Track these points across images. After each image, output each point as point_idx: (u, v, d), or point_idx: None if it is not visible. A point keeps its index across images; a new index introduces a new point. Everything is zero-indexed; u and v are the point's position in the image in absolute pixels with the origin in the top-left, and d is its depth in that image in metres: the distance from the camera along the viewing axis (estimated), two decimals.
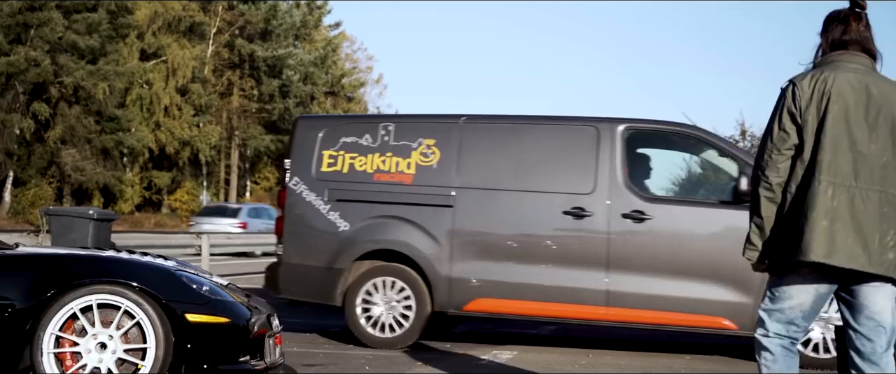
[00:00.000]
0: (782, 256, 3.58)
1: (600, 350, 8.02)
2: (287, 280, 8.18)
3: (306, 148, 8.17)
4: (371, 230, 7.88)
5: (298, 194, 8.08)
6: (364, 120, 8.26)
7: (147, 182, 50.30)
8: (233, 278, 14.54)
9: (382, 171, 7.95)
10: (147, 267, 5.13)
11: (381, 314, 7.83)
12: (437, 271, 7.70)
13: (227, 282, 5.64)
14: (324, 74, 60.02)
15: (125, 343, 4.86)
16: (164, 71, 48.42)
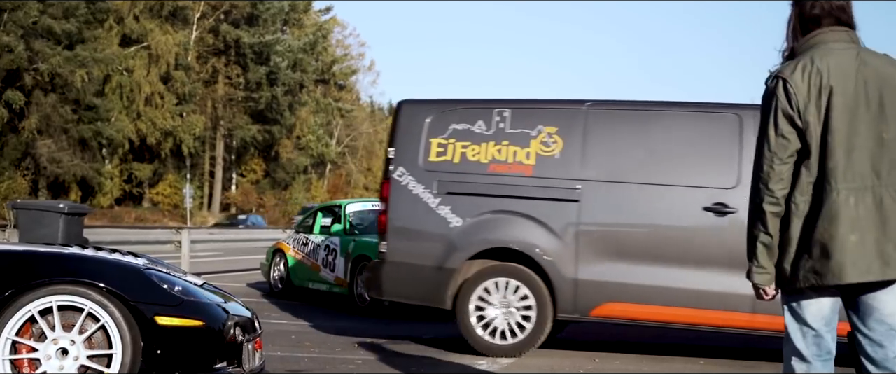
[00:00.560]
0: (800, 277, 3.33)
1: (607, 353, 7.85)
2: (391, 281, 7.77)
3: (412, 136, 7.75)
4: (486, 226, 7.51)
5: (404, 187, 7.70)
6: (476, 105, 7.75)
7: (127, 175, 50.16)
8: (219, 277, 14.49)
9: (498, 161, 7.57)
10: (113, 265, 4.91)
11: (497, 318, 7.45)
12: (561, 272, 7.33)
13: (202, 281, 5.45)
14: (314, 61, 59.85)
15: (89, 349, 4.65)
16: (145, 58, 48.24)
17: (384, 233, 7.80)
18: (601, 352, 7.93)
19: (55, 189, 43.09)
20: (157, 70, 48.74)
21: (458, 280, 7.55)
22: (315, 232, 12.03)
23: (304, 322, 9.45)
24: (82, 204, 11.41)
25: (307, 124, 59.14)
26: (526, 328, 7.42)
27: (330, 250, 11.36)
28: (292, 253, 12.24)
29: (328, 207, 12.67)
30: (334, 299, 11.36)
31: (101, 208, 45.19)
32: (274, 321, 9.39)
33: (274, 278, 12.53)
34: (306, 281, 11.86)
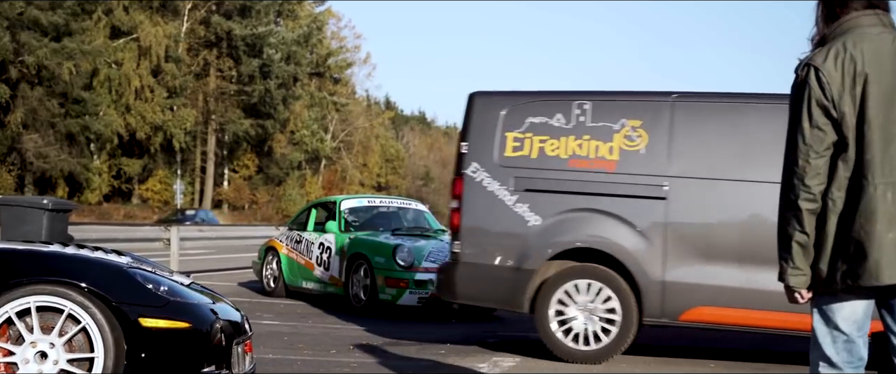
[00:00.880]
0: (837, 278, 3.20)
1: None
2: (465, 283, 7.58)
3: (486, 129, 7.56)
4: (566, 225, 7.34)
5: (478, 183, 7.51)
6: (554, 97, 7.56)
7: (116, 170, 50.08)
8: (209, 276, 14.37)
9: (579, 156, 7.39)
10: (95, 264, 4.79)
11: (578, 322, 7.27)
12: (648, 273, 7.13)
13: (190, 280, 5.32)
14: (308, 54, 59.82)
15: (69, 352, 4.53)
16: (134, 50, 48.13)
17: (457, 232, 7.59)
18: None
19: (42, 185, 42.95)
20: (146, 63, 48.64)
21: (536, 282, 7.37)
22: (309, 229, 11.96)
23: (297, 323, 9.35)
24: (67, 200, 11.28)
25: (301, 119, 59.09)
26: (610, 333, 7.23)
27: (324, 248, 11.27)
28: (285, 251, 12.15)
29: (323, 203, 12.59)
30: (329, 299, 11.27)
31: (88, 204, 45.09)
32: (266, 321, 9.30)
33: (266, 277, 12.44)
34: (300, 280, 11.78)
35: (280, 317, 9.81)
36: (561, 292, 7.31)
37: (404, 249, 10.15)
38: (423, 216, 12.23)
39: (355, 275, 10.50)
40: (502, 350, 7.88)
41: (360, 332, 8.79)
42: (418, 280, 9.96)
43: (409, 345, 7.98)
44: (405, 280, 9.94)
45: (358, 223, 11.61)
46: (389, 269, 10.04)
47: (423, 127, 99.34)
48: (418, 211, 12.40)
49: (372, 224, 11.63)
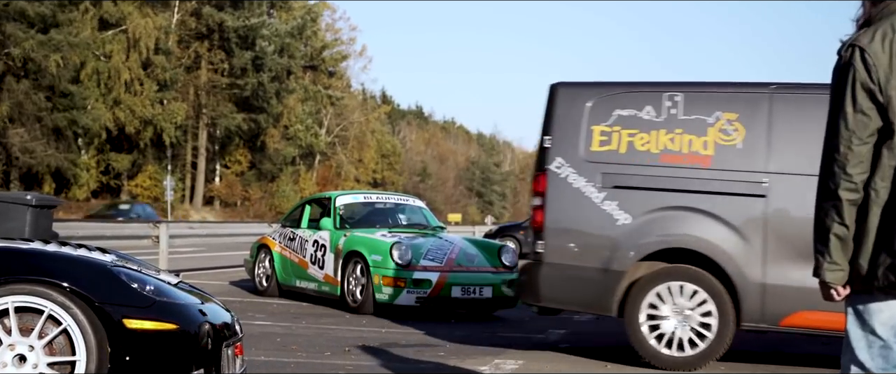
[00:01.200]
0: (879, 275, 3.08)
1: (617, 357, 7.66)
2: (549, 285, 7.41)
3: (570, 123, 7.38)
4: (658, 224, 7.19)
5: (563, 180, 7.35)
6: (643, 88, 7.40)
7: (104, 166, 49.94)
8: (200, 274, 14.29)
9: (671, 151, 7.23)
10: (77, 262, 4.68)
11: (671, 327, 7.12)
12: (746, 275, 6.96)
13: (178, 279, 5.22)
14: (302, 46, 59.73)
15: (49, 355, 4.43)
16: (123, 42, 47.96)
17: (541, 231, 7.41)
18: (608, 359, 7.75)
19: (28, 181, 42.81)
20: (136, 55, 48.45)
21: (625, 284, 7.21)
22: (303, 226, 11.89)
23: (290, 324, 9.29)
24: (52, 196, 11.16)
25: (295, 113, 59.02)
26: (706, 338, 7.08)
27: (319, 246, 11.21)
28: (278, 249, 12.08)
29: (317, 199, 12.53)
30: (324, 299, 11.21)
31: (76, 200, 44.95)
32: (258, 322, 9.24)
33: (259, 275, 12.37)
34: (293, 279, 11.71)
35: (273, 317, 9.75)
36: (652, 294, 7.14)
37: (402, 246, 10.09)
38: (421, 213, 12.18)
39: (351, 274, 10.44)
40: (504, 352, 7.82)
41: (356, 333, 8.73)
42: (416, 279, 9.91)
43: (408, 347, 7.92)
44: (403, 279, 9.89)
45: (354, 220, 11.55)
46: (386, 267, 9.98)
47: (421, 122, 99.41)
48: (416, 207, 12.35)
49: (368, 221, 11.58)
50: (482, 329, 9.31)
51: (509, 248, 10.81)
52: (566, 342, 8.58)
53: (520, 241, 24.18)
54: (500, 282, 10.24)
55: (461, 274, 10.10)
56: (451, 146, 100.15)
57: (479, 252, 10.54)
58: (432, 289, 9.92)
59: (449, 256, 10.26)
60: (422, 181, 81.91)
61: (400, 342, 8.20)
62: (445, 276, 10.00)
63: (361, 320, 9.72)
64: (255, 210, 54.46)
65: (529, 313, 10.71)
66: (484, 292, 10.10)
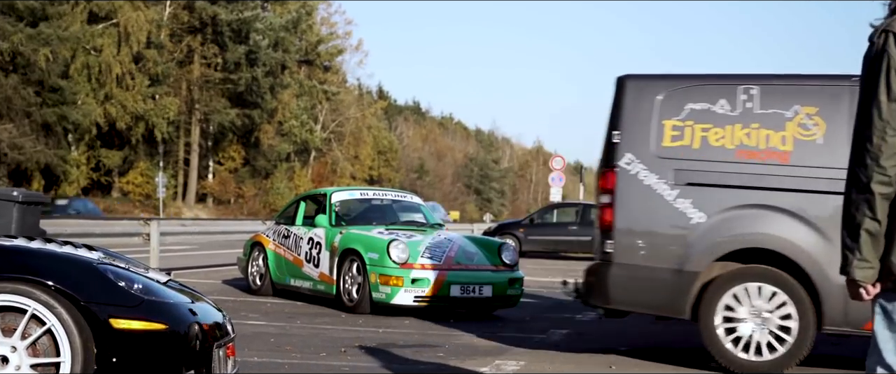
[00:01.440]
0: None
1: (621, 357, 7.61)
2: (619, 287, 7.28)
3: (640, 117, 7.24)
4: (735, 223, 7.05)
5: (633, 177, 7.21)
6: (716, 81, 7.27)
7: (95, 162, 49.86)
8: (192, 273, 14.23)
9: (747, 146, 7.11)
10: (62, 260, 4.58)
11: (748, 330, 6.99)
12: (829, 277, 6.75)
13: (167, 278, 5.13)
14: (297, 40, 59.65)
15: (33, 356, 4.34)
16: (114, 36, 47.86)
17: (610, 230, 7.28)
18: (614, 356, 7.71)
19: (16, 177, 42.67)
20: (127, 49, 48.36)
21: (699, 286, 7.07)
22: (297, 223, 11.82)
23: (284, 324, 9.22)
24: (39, 193, 11.07)
25: (290, 108, 58.99)
26: (785, 342, 6.96)
27: (314, 244, 11.13)
28: (272, 247, 12.01)
29: (312, 195, 12.46)
30: (319, 298, 11.14)
31: (67, 197, 44.82)
32: (251, 322, 9.18)
33: (252, 274, 12.30)
34: (288, 278, 11.65)
35: (266, 317, 9.68)
36: (729, 296, 7.02)
37: (399, 244, 9.99)
38: (418, 209, 12.10)
39: (347, 272, 10.37)
40: (505, 353, 7.75)
41: (352, 333, 8.66)
42: (414, 278, 9.83)
43: (406, 347, 7.84)
44: (400, 278, 9.81)
45: (350, 217, 11.47)
46: (383, 265, 9.90)
47: (418, 117, 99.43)
48: (414, 204, 12.28)
49: (365, 218, 11.50)
50: (482, 329, 9.24)
51: (509, 246, 10.73)
52: (569, 342, 8.49)
53: (519, 239, 24.13)
54: (500, 281, 10.16)
55: (460, 273, 10.03)
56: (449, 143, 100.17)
57: (479, 250, 10.46)
58: (431, 288, 9.84)
59: (448, 254, 10.19)
60: (419, 178, 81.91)
61: (398, 342, 8.13)
62: (444, 274, 9.92)
63: (358, 319, 9.65)
64: (249, 208, 54.41)
65: (530, 312, 10.69)
66: (484, 290, 10.03)
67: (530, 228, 25.40)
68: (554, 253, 25.16)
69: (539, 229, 25.34)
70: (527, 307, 11.14)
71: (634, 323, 10.07)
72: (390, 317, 9.86)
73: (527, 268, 12.14)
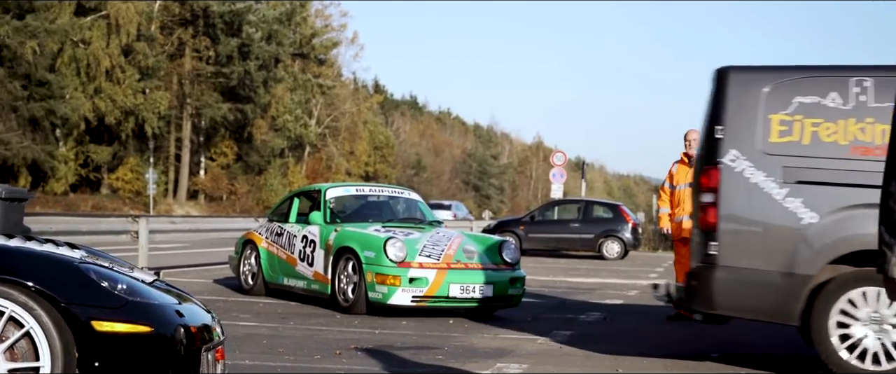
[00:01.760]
0: None
1: (630, 358, 7.51)
2: (724, 291, 7.04)
3: (745, 111, 7.07)
4: (850, 223, 6.82)
5: (739, 174, 7.01)
6: (827, 73, 7.05)
7: (84, 158, 49.77)
8: (183, 272, 14.11)
9: (862, 142, 6.90)
10: (41, 259, 4.47)
11: (868, 338, 6.75)
12: None
13: (154, 277, 5.02)
14: (291, 33, 59.61)
15: (11, 361, 4.24)
16: (103, 28, 47.73)
17: (713, 231, 7.08)
18: (621, 357, 7.62)
19: (3, 174, 42.51)
20: (116, 42, 48.23)
21: (810, 290, 6.89)
22: (291, 220, 11.73)
23: (277, 325, 9.12)
24: (22, 189, 10.94)
25: (283, 103, 58.95)
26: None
27: (308, 242, 11.04)
28: (265, 245, 11.91)
29: (306, 192, 12.37)
30: (313, 298, 11.06)
31: (54, 194, 44.71)
32: (242, 323, 9.09)
33: (244, 273, 12.21)
34: (281, 277, 11.56)
35: (258, 318, 9.60)
36: (844, 301, 6.83)
37: (396, 242, 9.90)
38: (416, 206, 12.00)
39: (342, 271, 10.28)
40: (507, 355, 7.64)
41: (347, 334, 8.57)
42: (412, 277, 9.74)
43: (403, 349, 7.74)
44: (397, 277, 9.72)
45: (345, 214, 11.39)
46: (380, 264, 9.81)
47: (415, 112, 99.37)
48: (411, 200, 12.17)
49: (360, 215, 11.42)
50: (482, 330, 9.15)
51: (510, 243, 10.63)
52: (573, 344, 8.39)
53: (520, 236, 24.08)
54: (500, 280, 10.06)
55: (460, 272, 9.93)
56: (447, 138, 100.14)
57: (479, 248, 10.36)
58: (429, 287, 9.75)
59: (447, 252, 10.08)
60: (416, 174, 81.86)
61: (395, 344, 8.03)
62: (443, 273, 9.82)
63: (353, 320, 9.56)
64: (242, 204, 54.35)
65: (532, 312, 10.60)
66: (484, 290, 9.92)
67: (531, 225, 25.35)
68: (555, 251, 25.17)
69: (540, 227, 25.31)
70: (528, 308, 11.06)
71: (642, 324, 9.98)
72: (387, 318, 9.77)
73: (527, 266, 12.05)
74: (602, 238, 24.34)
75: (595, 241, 24.34)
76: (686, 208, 10.15)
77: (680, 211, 10.34)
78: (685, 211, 10.18)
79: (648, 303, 12.19)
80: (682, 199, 10.27)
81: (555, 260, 22.84)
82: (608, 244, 24.27)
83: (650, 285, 11.39)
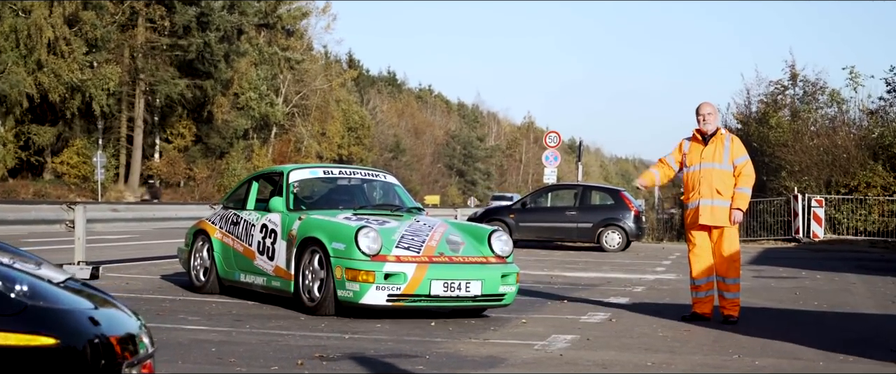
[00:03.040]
0: None
1: (646, 365, 7.12)
2: None
3: None
4: None
5: None
6: None
7: (24, 140, 49.73)
8: (126, 267, 13.66)
9: None
10: None
11: None
12: None
13: (66, 276, 4.57)
14: (255, 1, 59.58)
15: None
16: None
17: None
18: (639, 365, 7.23)
19: None
20: (60, 11, 48.04)
21: None
22: (249, 207, 11.45)
23: (230, 328, 8.77)
24: None
25: (247, 78, 59.21)
26: None
27: (268, 232, 10.77)
28: (219, 236, 11.64)
29: (266, 174, 12.10)
30: (274, 297, 10.79)
31: None
32: (189, 327, 8.74)
33: (195, 268, 11.91)
34: (237, 272, 11.28)
35: (209, 320, 9.25)
36: None
37: (370, 232, 9.55)
38: (393, 191, 11.74)
39: (308, 266, 9.96)
40: (498, 364, 7.30)
41: (312, 340, 8.21)
42: (388, 273, 9.39)
43: (378, 358, 7.40)
44: (371, 272, 9.37)
45: (311, 200, 11.18)
46: (351, 258, 9.46)
47: (393, 90, 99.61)
48: (387, 184, 11.91)
49: (329, 201, 11.17)
50: (470, 334, 8.81)
51: (502, 233, 10.25)
52: (577, 350, 8.00)
53: (509, 226, 23.78)
54: (490, 275, 9.71)
55: (443, 266, 9.59)
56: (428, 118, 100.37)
57: (466, 238, 10.04)
58: (408, 284, 9.40)
59: (428, 243, 9.77)
60: (394, 158, 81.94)
61: (367, 351, 7.66)
62: (424, 268, 9.47)
63: (320, 323, 9.23)
64: (201, 191, 54.41)
65: (526, 313, 10.32)
66: (471, 287, 9.57)
67: (522, 213, 25.08)
68: (549, 242, 24.95)
69: (532, 215, 25.07)
70: (522, 307, 10.74)
71: (655, 325, 9.61)
72: (359, 320, 9.46)
73: (519, 260, 11.71)
74: (601, 228, 24.08)
75: (594, 230, 24.09)
76: (702, 190, 9.87)
77: (695, 195, 10.00)
78: (701, 195, 9.88)
79: (659, 301, 11.80)
80: (698, 181, 9.98)
81: (549, 252, 22.66)
82: (608, 234, 24.00)
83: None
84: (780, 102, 35.69)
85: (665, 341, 8.66)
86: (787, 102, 35.87)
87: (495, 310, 10.21)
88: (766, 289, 13.80)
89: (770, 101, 35.73)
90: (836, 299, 12.56)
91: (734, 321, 9.76)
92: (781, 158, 31.48)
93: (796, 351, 8.10)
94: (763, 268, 18.10)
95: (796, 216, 28.92)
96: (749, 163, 10.05)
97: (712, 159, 9.97)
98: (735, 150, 10.01)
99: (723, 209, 9.88)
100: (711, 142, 10.02)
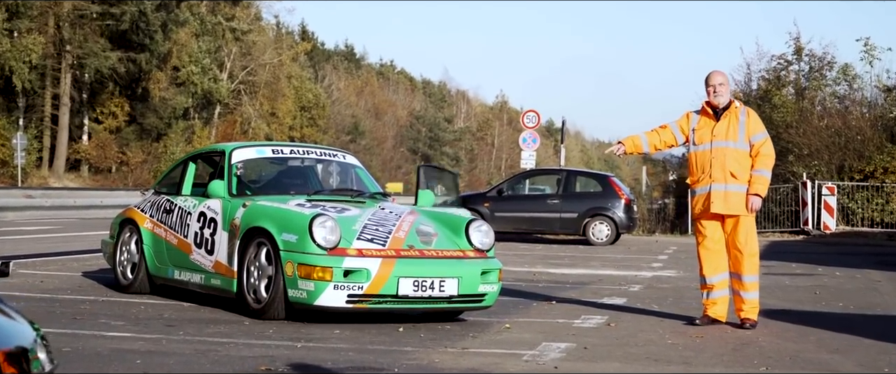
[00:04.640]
0: None
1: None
2: None
3: None
4: None
5: None
6: None
7: None
8: (42, 263, 13.20)
9: None
10: None
11: None
12: None
13: None
14: None
15: None
16: None
17: None
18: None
19: None
20: None
21: None
22: (184, 192, 11.16)
23: (160, 336, 8.42)
24: None
25: (188, 51, 59.55)
26: None
27: (207, 221, 10.47)
28: (149, 226, 11.34)
29: (205, 154, 11.84)
30: (214, 297, 10.52)
31: None
32: (111, 333, 8.37)
33: (121, 263, 11.61)
34: (170, 269, 10.99)
35: (136, 326, 8.90)
36: None
37: (327, 221, 9.22)
38: (353, 173, 11.53)
39: (253, 261, 9.68)
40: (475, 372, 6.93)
41: (258, 349, 7.86)
42: (348, 269, 9.09)
43: (335, 371, 7.06)
44: (328, 269, 9.07)
45: (257, 184, 11.00)
46: (304, 251, 9.17)
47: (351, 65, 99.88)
48: (347, 165, 11.71)
49: (278, 185, 11.00)
50: (445, 342, 8.48)
51: (482, 223, 9.94)
52: (572, 361, 7.66)
53: (484, 216, 23.53)
54: (468, 272, 9.46)
55: (413, 261, 9.32)
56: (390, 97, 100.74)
57: (440, 229, 9.79)
58: (371, 283, 9.11)
59: (395, 234, 9.49)
60: (352, 141, 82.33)
61: (324, 363, 7.32)
62: (390, 263, 9.20)
63: (267, 329, 8.92)
64: (136, 177, 54.38)
65: (509, 316, 10.17)
66: (446, 286, 9.29)
67: (498, 202, 25.09)
68: (528, 233, 24.91)
69: (509, 204, 25.12)
70: (504, 309, 10.49)
71: (660, 330, 9.26)
72: (314, 325, 9.18)
73: (497, 254, 11.33)
74: (588, 218, 24.05)
75: (579, 221, 23.99)
76: (714, 173, 9.50)
77: (705, 179, 9.62)
78: (713, 178, 9.50)
79: (661, 302, 11.55)
80: (709, 162, 9.61)
81: (530, 246, 22.61)
82: (596, 226, 23.94)
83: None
84: (784, 79, 35.70)
85: (676, 349, 8.33)
86: (790, 78, 35.89)
87: (474, 313, 9.97)
88: (780, 288, 13.54)
89: (773, 77, 35.75)
90: (862, 300, 12.32)
91: (752, 325, 9.37)
92: (787, 140, 31.39)
93: (833, 363, 7.73)
94: (773, 263, 17.89)
95: (805, 206, 28.83)
96: (768, 141, 9.67)
97: (726, 137, 9.56)
98: (752, 125, 9.61)
99: (738, 195, 9.48)
100: (724, 116, 9.62)
